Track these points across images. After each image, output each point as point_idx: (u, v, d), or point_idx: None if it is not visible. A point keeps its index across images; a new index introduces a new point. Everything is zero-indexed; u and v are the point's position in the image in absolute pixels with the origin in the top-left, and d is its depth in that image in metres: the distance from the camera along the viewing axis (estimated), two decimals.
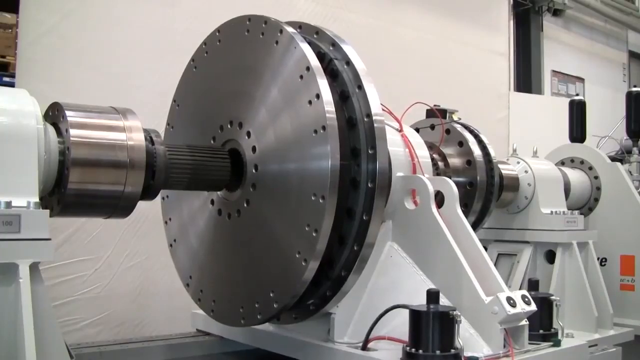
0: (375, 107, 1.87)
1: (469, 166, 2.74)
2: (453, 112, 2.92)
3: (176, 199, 2.25)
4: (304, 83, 1.81)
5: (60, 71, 3.02)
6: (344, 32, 2.08)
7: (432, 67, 4.83)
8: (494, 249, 3.18)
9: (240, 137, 2.00)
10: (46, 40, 2.99)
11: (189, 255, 2.20)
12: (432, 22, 4.98)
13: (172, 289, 2.96)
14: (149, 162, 1.76)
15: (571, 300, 2.92)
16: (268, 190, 1.90)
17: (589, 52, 8.20)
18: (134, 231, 3.26)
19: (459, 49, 5.15)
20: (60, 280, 3.01)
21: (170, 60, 2.95)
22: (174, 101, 2.29)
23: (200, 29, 2.25)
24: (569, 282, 2.98)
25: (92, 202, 1.73)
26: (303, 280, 1.80)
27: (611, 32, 8.59)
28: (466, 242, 2.03)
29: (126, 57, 3.25)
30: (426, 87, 4.48)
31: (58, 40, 3.02)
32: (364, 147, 1.85)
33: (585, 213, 3.51)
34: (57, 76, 2.99)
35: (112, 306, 3.18)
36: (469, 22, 5.31)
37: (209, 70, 2.16)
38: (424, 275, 1.98)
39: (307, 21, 2.08)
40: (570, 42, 7.91)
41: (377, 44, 4.39)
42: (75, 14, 3.08)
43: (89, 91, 2.99)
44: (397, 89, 3.78)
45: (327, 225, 1.75)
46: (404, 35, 4.75)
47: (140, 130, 1.76)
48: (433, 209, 2.00)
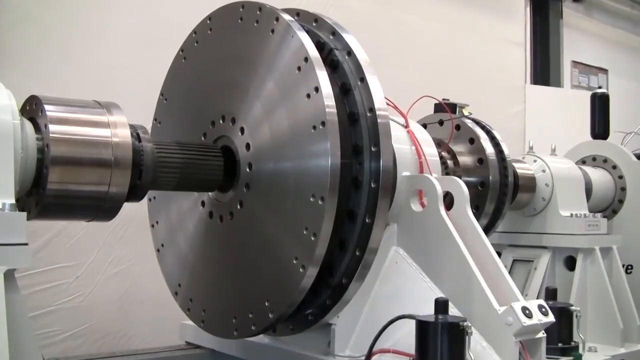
0: (379, 101, 1.88)
1: (481, 165, 2.75)
2: (463, 106, 2.93)
3: (164, 201, 2.26)
4: (302, 75, 1.82)
5: (39, 62, 3.03)
6: (345, 20, 2.09)
7: (441, 57, 4.84)
8: (509, 255, 3.19)
9: (233, 134, 2.01)
10: (22, 28, 3.00)
11: (178, 261, 2.21)
12: (441, 9, 4.99)
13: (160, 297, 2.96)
14: (135, 161, 1.77)
15: (594, 310, 2.92)
16: (263, 190, 1.91)
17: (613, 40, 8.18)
18: (119, 235, 3.27)
19: (470, 38, 5.16)
20: (38, 288, 3.02)
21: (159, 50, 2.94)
22: (161, 95, 2.30)
23: (192, 16, 2.25)
24: (591, 291, 2.98)
25: (74, 204, 1.73)
26: (301, 288, 1.81)
27: (638, 19, 8.57)
28: (477, 247, 2.03)
29: (110, 47, 3.26)
30: (434, 80, 4.48)
31: (35, 28, 3.03)
32: (366, 144, 1.86)
33: (609, 216, 3.51)
34: (35, 67, 3.00)
35: (95, 317, 3.19)
36: (482, 9, 5.31)
37: (200, 61, 2.17)
38: (431, 282, 1.99)
39: (305, 8, 2.09)
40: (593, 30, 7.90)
41: (381, 32, 4.40)
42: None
43: (70, 83, 3.00)
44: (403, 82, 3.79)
45: (326, 229, 1.76)
46: (411, 23, 4.75)
47: (126, 126, 1.76)
48: (441, 211, 2.01)
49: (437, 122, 2.83)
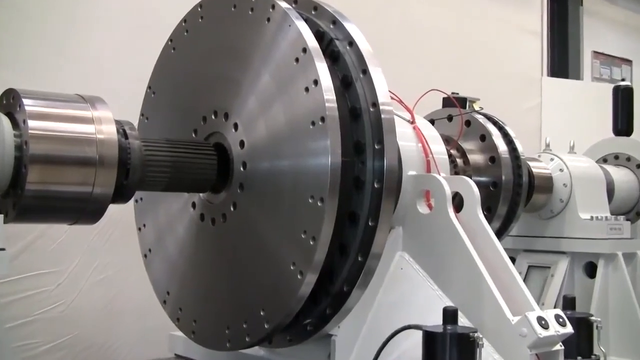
0: (383, 95, 1.89)
1: (493, 163, 2.76)
2: (474, 100, 2.94)
3: (151, 202, 2.27)
4: (300, 67, 1.83)
5: (17, 53, 3.04)
6: (346, 8, 2.10)
7: (450, 48, 4.84)
8: (524, 260, 3.20)
9: (226, 130, 2.01)
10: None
11: (167, 268, 2.22)
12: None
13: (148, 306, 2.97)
14: (121, 159, 1.78)
15: (616, 321, 2.93)
16: (258, 191, 1.92)
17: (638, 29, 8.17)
18: (104, 239, 3.29)
19: (482, 26, 5.16)
20: (16, 297, 3.03)
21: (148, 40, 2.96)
22: (148, 88, 2.31)
23: (182, 4, 2.26)
24: (613, 299, 2.98)
25: (55, 206, 1.74)
26: (299, 296, 1.82)
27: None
28: (489, 252, 2.04)
29: (95, 36, 3.27)
30: (443, 72, 4.49)
31: (13, 16, 3.03)
32: (369, 141, 1.87)
33: (633, 219, 3.52)
34: (12, 59, 3.01)
35: (79, 327, 3.20)
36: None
37: (190, 52, 2.18)
38: (439, 290, 1.99)
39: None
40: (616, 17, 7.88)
41: (385, 21, 4.41)
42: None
43: (51, 76, 3.01)
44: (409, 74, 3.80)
45: (326, 232, 1.76)
46: (417, 11, 4.76)
47: (112, 122, 1.77)
48: (450, 214, 2.01)
49: (446, 117, 2.84)
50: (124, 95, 2.72)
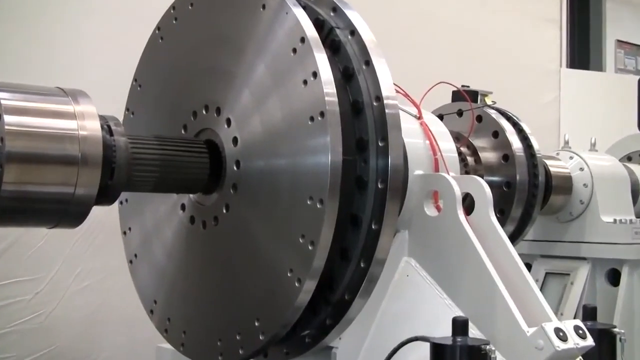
0: (387, 88, 1.89)
1: (506, 162, 2.77)
2: (486, 94, 2.95)
3: (137, 204, 2.28)
4: (298, 58, 1.83)
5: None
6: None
7: (460, 37, 4.84)
8: (541, 267, 3.21)
9: (218, 126, 2.02)
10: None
11: (154, 275, 2.23)
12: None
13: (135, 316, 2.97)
14: (106, 157, 1.78)
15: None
16: (253, 192, 1.93)
17: None
18: (87, 244, 3.29)
19: (495, 14, 5.16)
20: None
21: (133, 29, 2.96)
22: (134, 81, 2.31)
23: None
24: (638, 310, 2.98)
25: (34, 208, 1.74)
26: (296, 305, 1.82)
27: None
28: (502, 258, 2.04)
29: (77, 25, 3.27)
30: (453, 63, 4.50)
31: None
32: (372, 138, 1.87)
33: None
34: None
35: (59, 339, 3.21)
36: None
37: (179, 42, 2.19)
38: (448, 299, 2.00)
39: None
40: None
41: (390, 9, 4.41)
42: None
43: (28, 67, 3.02)
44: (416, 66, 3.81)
45: (326, 236, 1.77)
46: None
47: (96, 117, 1.77)
48: (460, 216, 2.02)
49: (456, 112, 2.85)
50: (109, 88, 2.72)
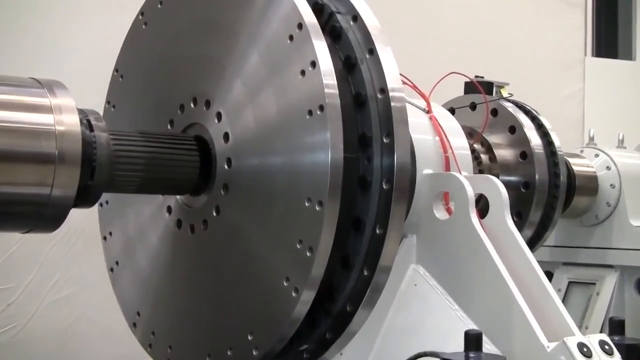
0: (393, 79, 1.89)
1: (524, 160, 2.78)
2: (502, 85, 2.95)
3: (119, 206, 2.28)
4: (295, 46, 1.83)
5: None
6: None
7: (473, 24, 4.85)
8: (563, 275, 3.21)
9: (208, 121, 2.02)
10: None
11: (137, 284, 2.23)
12: None
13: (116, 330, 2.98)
14: (86, 155, 1.78)
15: None
16: (245, 193, 1.93)
17: None
18: (65, 250, 3.30)
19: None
20: None
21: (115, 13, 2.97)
22: (115, 71, 2.32)
23: None
24: None
25: (6, 211, 1.74)
26: (293, 317, 1.82)
27: None
28: (520, 265, 2.05)
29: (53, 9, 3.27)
30: (465, 52, 4.49)
31: None
32: (376, 134, 1.87)
33: None
34: None
35: (34, 354, 3.21)
36: None
37: (165, 28, 2.19)
38: (460, 310, 2.01)
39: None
40: None
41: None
42: None
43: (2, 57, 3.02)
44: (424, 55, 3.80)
45: (325, 241, 1.77)
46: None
47: (74, 111, 1.77)
48: (473, 219, 2.03)
49: (468, 105, 2.85)
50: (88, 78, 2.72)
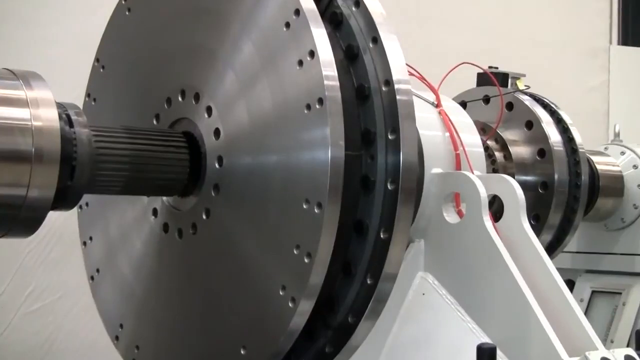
0: (399, 70, 1.89)
1: (542, 158, 2.78)
2: (518, 77, 2.95)
3: (100, 208, 2.28)
4: (292, 34, 1.83)
5: None
6: None
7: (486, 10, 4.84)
8: (586, 284, 3.20)
9: (197, 115, 2.03)
10: None
11: (120, 293, 2.23)
12: None
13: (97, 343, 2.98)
14: (65, 153, 1.78)
15: None
16: (238, 194, 1.93)
17: None
18: (42, 257, 3.30)
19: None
20: None
21: None
22: (96, 61, 2.32)
23: None
24: None
25: None
26: (290, 329, 1.82)
27: None
28: (538, 273, 2.05)
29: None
30: (477, 41, 4.49)
31: None
32: (381, 129, 1.87)
33: None
34: None
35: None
36: None
37: (150, 15, 2.19)
38: (472, 322, 2.00)
39: None
40: None
41: None
42: None
43: None
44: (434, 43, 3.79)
45: (325, 247, 1.77)
46: None
47: (53, 105, 1.77)
48: (486, 223, 2.03)
49: (481, 99, 2.85)
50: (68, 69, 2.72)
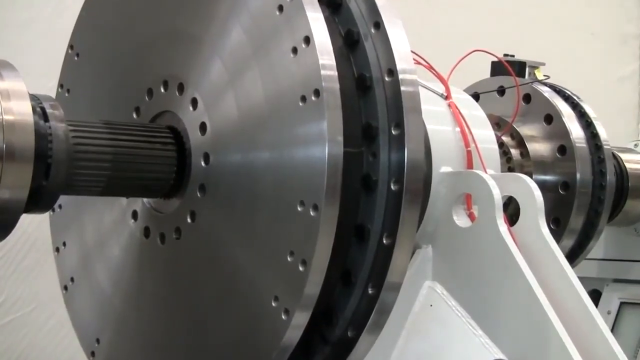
0: (404, 58, 1.89)
1: (563, 156, 2.77)
2: (536, 66, 2.94)
3: (75, 211, 2.28)
4: (285, 18, 1.83)
5: None
6: None
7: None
8: (613, 295, 3.20)
9: (181, 108, 2.03)
10: None
11: (96, 305, 2.23)
12: None
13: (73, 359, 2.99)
14: (40, 150, 1.78)
15: None
16: (226, 195, 1.93)
17: None
18: (14, 265, 3.31)
19: None
20: None
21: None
22: (70, 48, 2.32)
23: None
24: None
25: None
26: (284, 344, 1.82)
27: None
28: (557, 282, 2.05)
29: None
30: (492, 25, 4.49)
31: None
32: (383, 124, 1.87)
33: None
34: None
35: None
36: None
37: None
38: (485, 337, 2.00)
39: None
40: None
41: None
42: None
43: None
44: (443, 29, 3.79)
45: (322, 254, 1.77)
46: None
47: (26, 97, 1.77)
48: (501, 227, 2.02)
49: (496, 90, 2.86)
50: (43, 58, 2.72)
